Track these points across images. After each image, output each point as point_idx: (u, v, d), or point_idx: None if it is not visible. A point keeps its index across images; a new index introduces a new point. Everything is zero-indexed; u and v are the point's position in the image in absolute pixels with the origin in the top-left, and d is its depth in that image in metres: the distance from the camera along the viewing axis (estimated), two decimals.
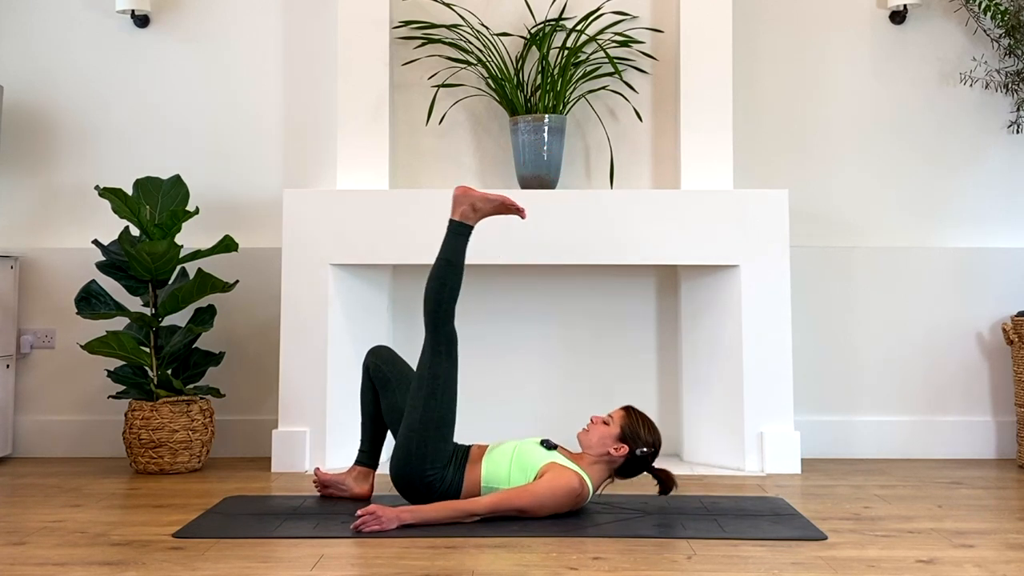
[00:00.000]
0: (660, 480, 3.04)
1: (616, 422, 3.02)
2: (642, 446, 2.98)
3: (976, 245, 4.16)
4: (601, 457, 3.00)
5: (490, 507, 2.86)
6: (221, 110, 4.22)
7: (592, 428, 3.03)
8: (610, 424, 3.02)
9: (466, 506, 2.85)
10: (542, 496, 2.87)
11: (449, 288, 3.06)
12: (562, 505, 2.90)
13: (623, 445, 2.98)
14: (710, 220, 3.78)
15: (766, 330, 3.76)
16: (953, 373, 4.11)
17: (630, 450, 2.98)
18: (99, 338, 3.70)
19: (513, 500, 2.87)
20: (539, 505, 2.87)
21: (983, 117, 4.18)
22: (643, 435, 3.00)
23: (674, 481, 3.03)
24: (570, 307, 4.13)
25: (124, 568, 2.47)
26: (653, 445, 3.01)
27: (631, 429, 3.00)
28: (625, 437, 2.99)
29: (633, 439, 2.98)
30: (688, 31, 3.98)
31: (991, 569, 2.48)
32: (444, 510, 2.83)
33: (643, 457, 2.99)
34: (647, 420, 3.04)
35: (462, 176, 4.14)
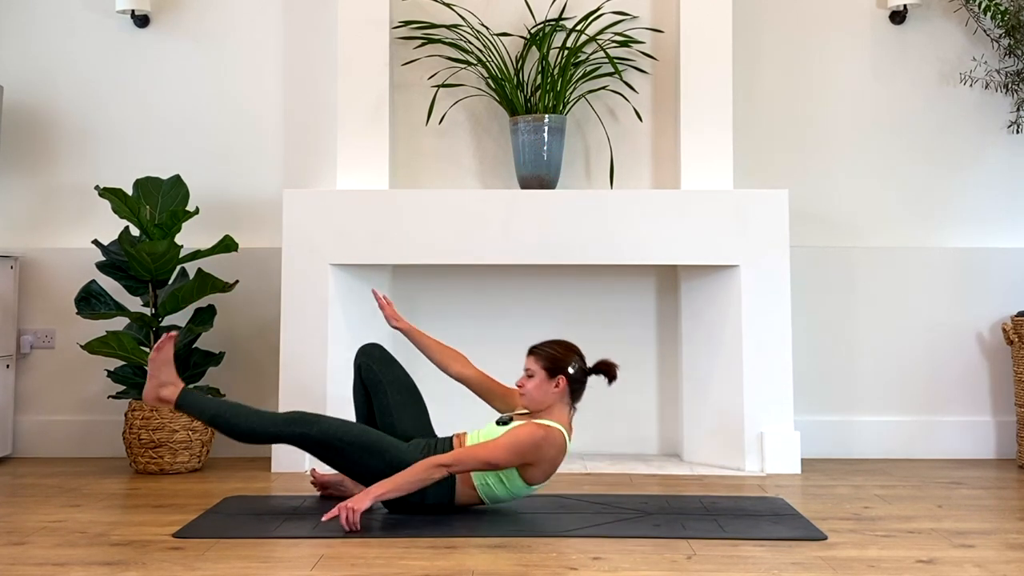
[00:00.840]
0: (604, 373, 3.05)
1: (536, 368, 3.02)
2: (570, 365, 3.00)
3: (976, 245, 4.16)
4: (551, 402, 3.01)
5: (454, 461, 2.84)
6: (221, 110, 4.22)
7: (525, 391, 3.03)
8: (533, 374, 3.02)
9: (429, 465, 2.83)
10: (505, 444, 2.87)
11: (237, 432, 3.01)
12: (532, 452, 2.88)
13: (557, 378, 2.99)
14: (710, 220, 3.78)
15: (766, 330, 3.77)
16: (953, 373, 4.11)
17: (566, 376, 2.99)
18: (99, 338, 3.70)
19: (478, 452, 2.86)
20: (504, 453, 2.85)
21: (983, 117, 4.18)
22: (563, 356, 3.02)
23: (615, 365, 3.04)
24: (570, 307, 4.13)
25: (124, 568, 2.47)
26: (575, 354, 3.04)
27: (551, 362, 3.01)
28: (554, 371, 3.00)
29: (559, 367, 3.00)
30: (688, 31, 3.98)
31: (991, 569, 2.48)
32: (410, 472, 2.82)
33: (578, 371, 3.02)
34: (553, 344, 3.06)
35: (462, 176, 4.14)
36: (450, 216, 3.80)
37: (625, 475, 3.67)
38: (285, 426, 2.97)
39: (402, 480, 2.82)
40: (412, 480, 2.83)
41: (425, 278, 4.09)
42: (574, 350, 3.06)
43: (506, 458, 2.87)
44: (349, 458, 2.97)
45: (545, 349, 3.05)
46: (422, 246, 3.79)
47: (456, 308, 4.07)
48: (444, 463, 2.84)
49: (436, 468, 2.84)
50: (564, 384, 2.99)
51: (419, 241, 3.78)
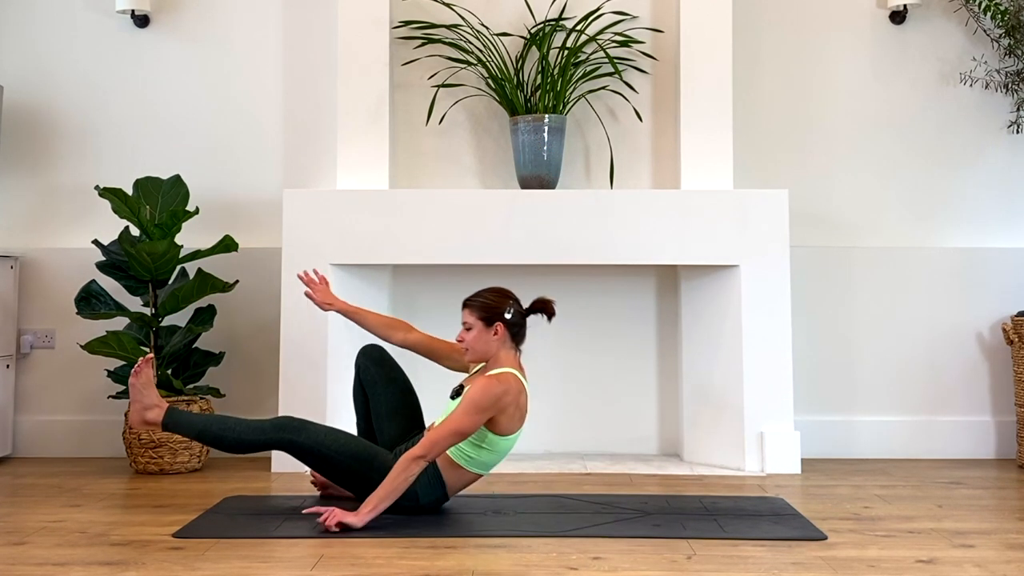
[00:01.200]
0: (541, 311, 3.06)
1: (472, 319, 3.01)
2: (506, 310, 3.00)
3: (976, 245, 4.16)
4: (494, 351, 3.01)
5: (425, 449, 2.84)
6: (221, 110, 4.22)
7: (467, 345, 3.02)
8: (471, 328, 3.01)
9: (404, 461, 2.82)
10: (464, 408, 2.86)
11: (226, 444, 3.02)
12: (491, 403, 2.87)
13: (495, 326, 2.99)
14: (710, 220, 3.78)
15: (766, 330, 3.76)
16: (953, 373, 4.11)
17: (503, 322, 2.99)
18: (99, 338, 3.70)
19: (442, 429, 2.85)
20: (467, 417, 2.85)
21: (983, 117, 4.18)
22: (497, 303, 3.02)
23: (551, 301, 3.05)
24: (570, 307, 4.12)
25: (124, 568, 2.47)
26: (509, 298, 3.04)
27: (486, 310, 3.01)
28: (490, 319, 3.00)
29: (495, 314, 3.00)
30: (688, 31, 3.97)
31: (991, 569, 2.48)
32: (390, 478, 2.82)
33: (515, 314, 3.02)
34: (485, 293, 3.06)
35: (462, 176, 4.14)
36: (450, 216, 3.80)
37: (625, 475, 3.67)
38: (273, 433, 2.98)
39: (386, 488, 2.82)
40: (395, 483, 2.82)
41: (425, 278, 4.09)
42: (507, 294, 3.06)
43: (470, 420, 2.86)
44: (337, 465, 2.98)
45: (478, 299, 3.04)
46: (422, 246, 3.79)
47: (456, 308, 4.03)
48: (417, 454, 2.83)
49: (412, 462, 2.83)
50: (503, 330, 3.00)
51: (419, 241, 3.78)
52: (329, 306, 3.27)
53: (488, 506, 3.12)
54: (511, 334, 3.02)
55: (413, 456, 2.83)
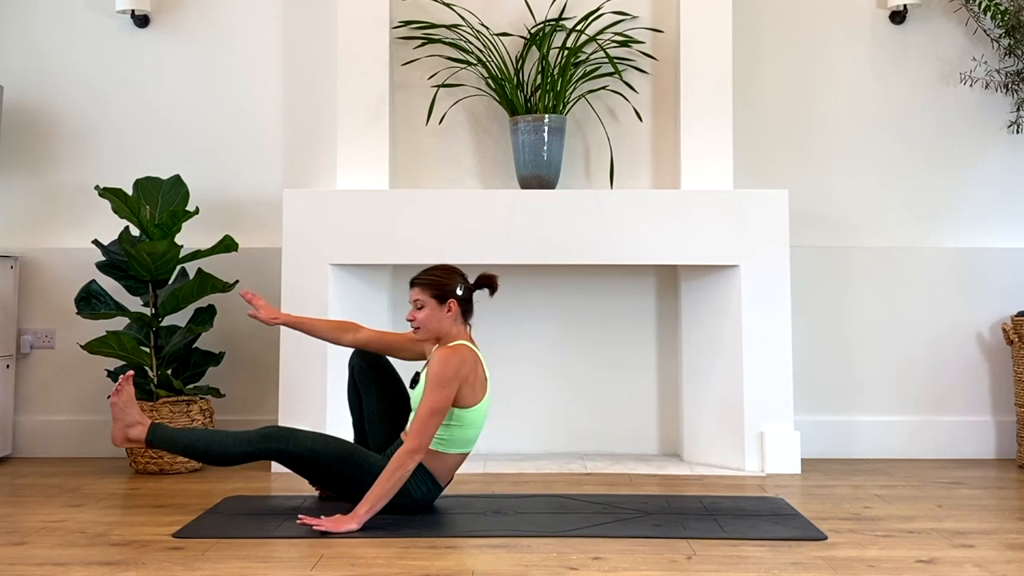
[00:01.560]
0: (486, 286, 3.07)
1: (424, 297, 3.01)
2: (456, 286, 3.02)
3: (976, 245, 4.16)
4: (446, 328, 3.01)
5: (415, 439, 2.83)
6: (221, 110, 4.22)
7: (419, 323, 3.02)
8: (423, 305, 3.01)
9: (398, 458, 2.82)
10: (430, 388, 2.86)
11: (213, 457, 3.02)
12: (454, 374, 2.88)
13: (448, 303, 3.00)
14: (710, 220, 3.78)
15: (766, 330, 3.76)
16: (953, 373, 4.11)
17: (455, 299, 3.00)
18: (99, 338, 3.70)
19: (419, 416, 2.85)
20: (436, 394, 2.85)
21: (983, 117, 4.18)
22: (448, 280, 3.02)
23: (495, 276, 3.07)
24: (570, 307, 4.13)
25: (124, 568, 2.47)
26: (458, 274, 3.05)
27: (439, 288, 3.01)
28: (443, 296, 3.00)
29: (448, 291, 3.00)
30: (688, 31, 3.98)
31: (991, 569, 2.48)
32: (383, 477, 2.81)
33: (465, 290, 3.04)
34: (434, 271, 3.06)
35: (462, 176, 4.14)
36: (450, 216, 3.80)
37: (625, 475, 3.67)
38: (260, 443, 2.98)
39: (381, 487, 2.82)
40: (391, 480, 2.82)
41: None
42: (455, 270, 3.07)
43: (442, 394, 2.86)
44: (328, 470, 2.98)
45: (428, 277, 3.03)
46: (422, 246, 3.79)
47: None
48: (410, 448, 2.83)
49: (406, 457, 2.82)
50: (456, 307, 3.01)
51: (419, 241, 3.78)
52: (275, 320, 3.23)
53: (488, 506, 3.12)
54: (462, 310, 3.04)
55: (406, 451, 2.83)
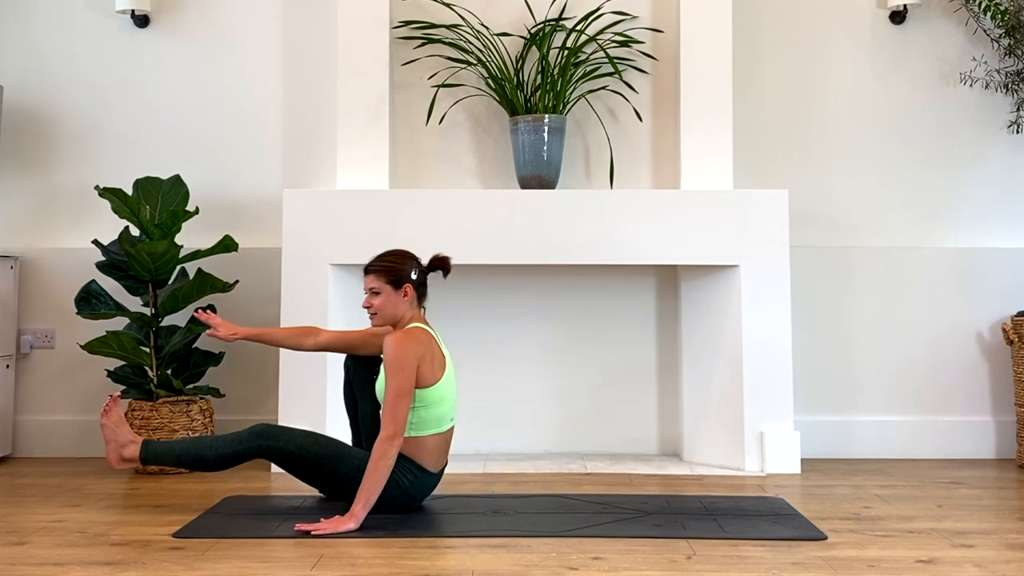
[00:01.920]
0: (440, 268, 3.09)
1: (380, 284, 3.02)
2: (410, 271, 3.04)
3: (976, 245, 4.16)
4: (402, 312, 3.03)
5: (389, 425, 2.83)
6: (221, 110, 4.22)
7: (376, 310, 3.03)
8: (379, 291, 3.02)
9: (378, 448, 2.82)
10: (390, 373, 2.86)
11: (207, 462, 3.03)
12: (410, 355, 2.88)
13: (404, 287, 3.02)
14: (710, 220, 3.78)
15: (766, 330, 3.76)
16: (953, 373, 4.11)
17: (411, 283, 3.02)
18: (99, 338, 3.70)
19: (387, 402, 2.85)
20: (398, 378, 2.85)
21: (983, 117, 4.18)
22: (402, 265, 3.04)
23: (448, 258, 3.08)
24: (570, 307, 4.13)
25: (124, 568, 2.47)
26: (411, 258, 3.07)
27: (394, 274, 3.03)
28: (398, 281, 3.02)
29: (403, 276, 3.02)
30: (688, 31, 3.98)
31: (991, 569, 2.48)
32: (370, 468, 2.82)
33: (419, 274, 3.06)
34: (387, 256, 3.06)
35: (462, 176, 4.14)
36: (450, 216, 3.80)
37: (625, 475, 3.67)
38: (251, 441, 2.99)
39: (370, 480, 2.82)
40: (376, 471, 2.81)
41: None
42: (408, 255, 3.09)
43: (401, 378, 2.86)
44: (320, 467, 2.98)
45: (383, 263, 3.05)
46: (422, 246, 3.76)
47: (456, 308, 4.06)
48: (384, 435, 2.83)
49: (386, 445, 2.82)
50: (411, 291, 3.03)
51: (419, 241, 3.76)
52: (234, 336, 3.21)
53: (488, 506, 3.12)
54: (417, 294, 3.06)
55: (383, 438, 2.83)
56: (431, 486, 3.06)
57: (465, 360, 4.04)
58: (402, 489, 2.96)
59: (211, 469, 3.04)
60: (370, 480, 2.82)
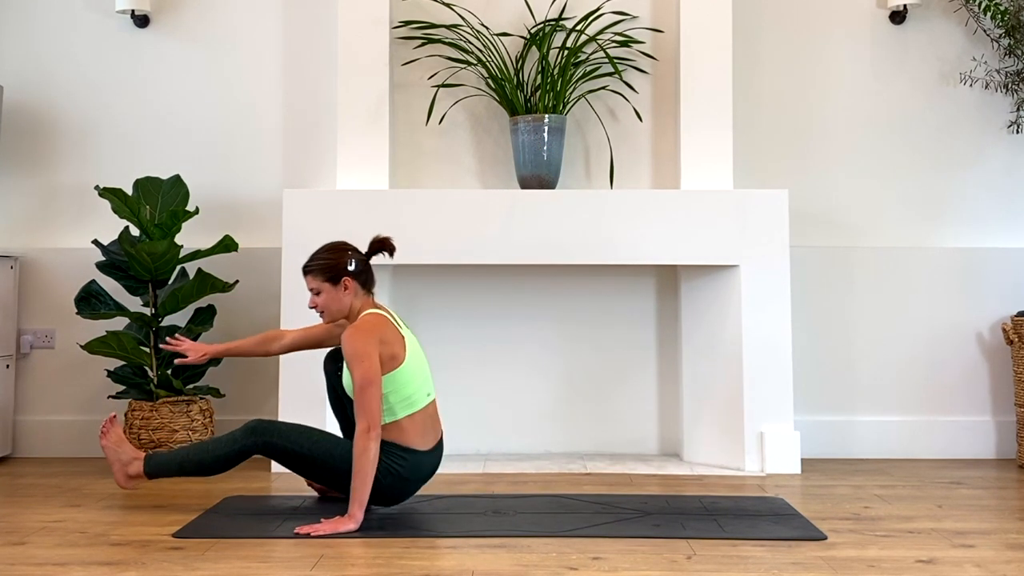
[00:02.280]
0: (382, 249, 3.05)
1: (318, 283, 3.00)
2: (346, 263, 3.00)
3: (976, 245, 4.16)
4: (348, 304, 3.01)
5: (363, 418, 2.82)
6: (221, 110, 4.22)
7: (323, 309, 3.02)
8: (320, 292, 3.01)
9: (357, 444, 2.81)
10: (352, 365, 2.86)
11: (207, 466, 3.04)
12: (367, 344, 2.87)
13: (343, 282, 3.00)
14: (710, 220, 3.78)
15: (766, 330, 3.76)
16: (953, 373, 4.11)
17: (350, 275, 2.99)
18: (99, 338, 3.70)
19: (356, 395, 2.84)
20: (361, 369, 2.84)
21: (983, 117, 4.18)
22: (336, 259, 3.00)
23: (388, 238, 3.05)
24: (570, 307, 4.13)
25: (124, 568, 2.47)
26: (345, 249, 3.03)
27: (329, 271, 2.99)
28: (336, 277, 3.00)
29: (339, 270, 2.99)
30: (688, 31, 3.98)
31: (991, 569, 2.48)
32: (355, 466, 2.82)
33: (358, 263, 3.02)
34: (321, 254, 3.03)
35: (462, 176, 4.14)
36: (450, 216, 3.80)
37: (625, 475, 3.67)
38: (246, 438, 2.98)
39: (358, 477, 2.81)
40: (361, 467, 2.81)
41: (425, 278, 4.09)
42: (342, 247, 3.06)
43: (364, 368, 2.85)
44: (313, 461, 2.97)
45: (316, 262, 3.02)
46: (422, 246, 3.79)
47: (456, 308, 4.07)
48: (360, 429, 2.82)
49: (364, 439, 2.81)
50: (352, 283, 3.01)
51: (419, 241, 3.78)
52: (204, 357, 3.25)
53: (488, 506, 3.12)
54: (360, 283, 3.04)
55: (359, 432, 2.82)
56: (428, 464, 3.03)
57: (465, 360, 4.04)
58: (395, 475, 2.95)
59: (213, 473, 3.04)
60: (358, 478, 2.82)
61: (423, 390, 3.02)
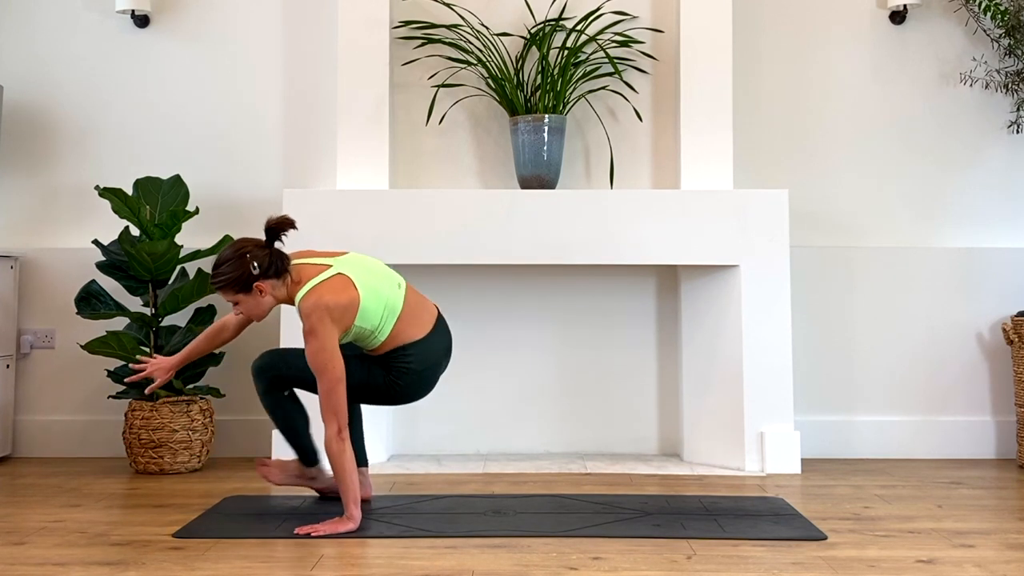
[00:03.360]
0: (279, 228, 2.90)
1: (232, 296, 2.87)
2: (249, 270, 2.83)
3: (976, 245, 4.16)
4: (272, 299, 2.89)
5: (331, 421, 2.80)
6: (221, 110, 4.22)
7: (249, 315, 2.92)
8: (237, 302, 2.88)
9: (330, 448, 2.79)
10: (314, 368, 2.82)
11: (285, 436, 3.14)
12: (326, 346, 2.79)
13: (254, 287, 2.85)
14: (710, 220, 3.78)
15: (766, 330, 3.77)
16: (953, 373, 4.11)
17: (258, 278, 2.84)
18: (99, 338, 3.70)
19: (322, 400, 2.82)
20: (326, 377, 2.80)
21: (983, 117, 4.18)
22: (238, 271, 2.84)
23: (282, 217, 2.91)
24: (570, 307, 4.13)
25: (124, 568, 2.47)
26: (243, 254, 2.85)
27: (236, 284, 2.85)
28: (246, 286, 2.85)
29: (247, 280, 2.84)
30: (688, 31, 3.98)
31: (991, 569, 2.48)
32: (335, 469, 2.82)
33: (262, 259, 2.85)
34: (221, 268, 2.86)
35: (462, 176, 4.14)
36: (450, 216, 3.80)
37: (625, 475, 3.67)
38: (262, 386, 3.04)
39: (344, 481, 2.81)
40: (342, 469, 2.80)
41: (425, 278, 4.09)
42: (239, 253, 2.85)
43: (328, 373, 2.80)
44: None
45: (220, 279, 2.86)
46: (422, 246, 3.79)
47: (456, 308, 4.06)
48: (332, 433, 2.79)
49: (333, 443, 2.79)
50: (265, 283, 2.86)
51: (419, 241, 3.78)
52: (170, 373, 3.18)
53: (488, 506, 3.12)
54: (271, 274, 2.86)
55: (330, 438, 2.79)
56: (436, 345, 3.01)
57: (465, 360, 4.03)
58: (409, 372, 2.96)
59: (284, 434, 3.12)
60: (344, 480, 2.81)
61: (392, 293, 2.95)
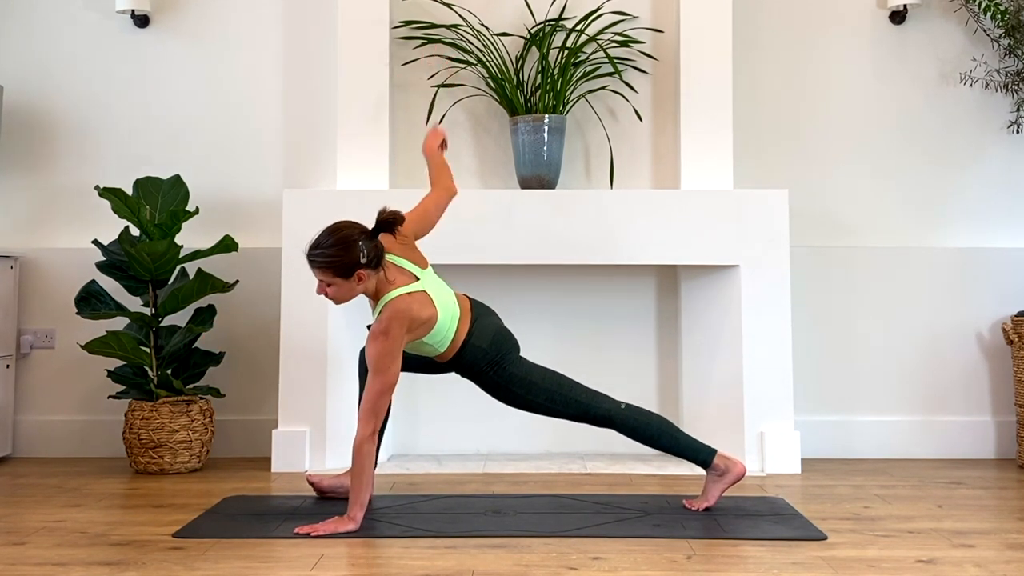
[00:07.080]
0: (390, 222, 2.88)
1: (330, 279, 2.82)
2: (357, 256, 2.79)
3: (976, 245, 4.16)
4: (365, 288, 2.86)
5: (368, 423, 2.79)
6: (221, 110, 4.22)
7: (335, 298, 2.87)
8: (331, 284, 2.83)
9: (358, 447, 2.78)
10: (371, 372, 2.80)
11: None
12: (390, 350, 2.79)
13: (355, 275, 2.81)
14: (710, 220, 3.78)
15: (766, 330, 3.77)
16: (953, 373, 4.11)
17: (362, 267, 2.81)
18: (99, 338, 3.70)
19: (368, 394, 2.80)
20: (381, 378, 2.79)
21: (983, 117, 4.18)
22: (346, 255, 2.79)
23: (390, 211, 2.87)
24: (570, 307, 4.13)
25: (124, 568, 2.47)
26: (354, 241, 2.80)
27: (338, 269, 2.80)
28: (348, 272, 2.81)
29: (348, 266, 2.79)
30: (688, 31, 3.98)
31: (991, 569, 2.48)
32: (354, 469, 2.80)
33: (369, 250, 2.81)
34: (328, 249, 2.80)
35: (462, 176, 4.13)
36: (450, 216, 3.79)
37: (625, 475, 3.67)
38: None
39: (358, 481, 2.80)
40: (360, 470, 2.79)
41: None
42: (350, 238, 2.80)
43: (383, 378, 2.79)
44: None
45: (324, 259, 2.79)
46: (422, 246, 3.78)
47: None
48: (367, 433, 2.78)
49: (365, 444, 2.79)
50: (366, 275, 2.82)
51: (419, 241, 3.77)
52: (434, 148, 3.25)
53: (488, 506, 3.12)
54: (374, 267, 2.83)
55: (363, 437, 2.78)
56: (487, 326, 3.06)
57: None
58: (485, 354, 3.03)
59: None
60: (358, 480, 2.81)
61: (456, 308, 3.00)
